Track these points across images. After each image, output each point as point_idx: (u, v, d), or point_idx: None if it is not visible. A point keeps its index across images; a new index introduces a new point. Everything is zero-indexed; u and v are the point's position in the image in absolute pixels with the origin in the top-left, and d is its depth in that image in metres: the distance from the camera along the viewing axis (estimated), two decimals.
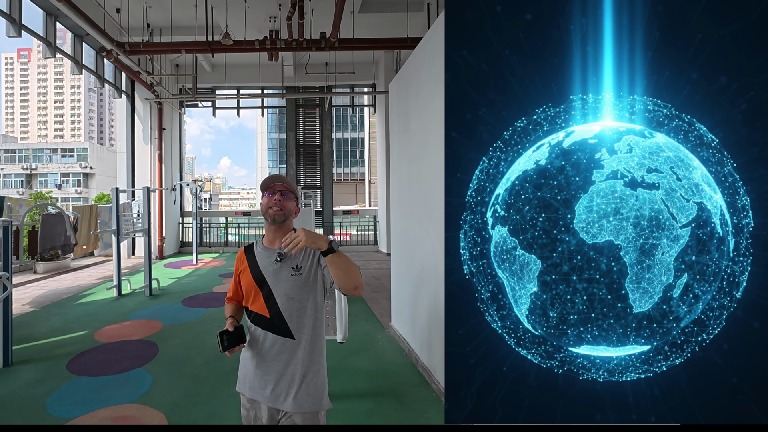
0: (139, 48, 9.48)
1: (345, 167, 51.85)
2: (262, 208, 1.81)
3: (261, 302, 1.79)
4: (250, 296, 1.81)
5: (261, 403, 1.77)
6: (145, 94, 12.47)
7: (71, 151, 55.35)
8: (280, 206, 1.79)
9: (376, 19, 10.47)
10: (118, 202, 7.41)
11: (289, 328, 1.75)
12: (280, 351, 1.75)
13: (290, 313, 1.75)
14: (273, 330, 1.76)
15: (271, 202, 1.79)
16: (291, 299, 1.76)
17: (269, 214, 1.79)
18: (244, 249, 1.93)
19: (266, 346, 1.76)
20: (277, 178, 1.85)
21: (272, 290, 1.77)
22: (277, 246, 1.82)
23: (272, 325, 1.76)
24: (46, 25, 8.26)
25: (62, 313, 6.36)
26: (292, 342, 1.75)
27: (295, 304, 1.76)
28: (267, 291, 1.78)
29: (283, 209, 1.79)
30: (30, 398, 3.64)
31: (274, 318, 1.76)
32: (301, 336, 1.75)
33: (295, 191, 1.86)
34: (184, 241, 14.37)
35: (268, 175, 1.87)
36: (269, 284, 1.77)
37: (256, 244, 1.89)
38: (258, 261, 1.83)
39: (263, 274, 1.79)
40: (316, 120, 16.02)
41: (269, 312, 1.77)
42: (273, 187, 1.81)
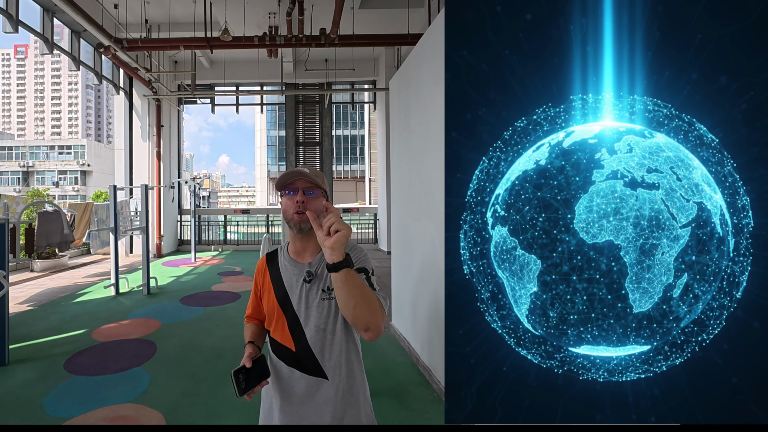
0: (137, 44, 9.44)
1: (345, 165, 51.82)
2: (285, 213, 1.44)
3: (285, 331, 1.44)
4: (272, 320, 1.48)
5: None
6: (143, 91, 12.43)
7: (69, 148, 55.16)
8: (306, 209, 1.40)
9: (377, 15, 10.44)
10: (116, 199, 7.39)
11: (320, 365, 1.41)
12: (308, 393, 1.41)
13: (321, 347, 1.41)
14: (300, 367, 1.42)
15: (293, 206, 1.42)
16: (321, 330, 1.41)
17: (293, 221, 1.42)
18: (266, 257, 1.57)
19: (292, 386, 1.43)
20: (297, 173, 1.43)
21: (298, 317, 1.43)
22: (307, 260, 1.47)
23: (299, 362, 1.42)
24: (43, 20, 8.21)
25: (59, 312, 6.35)
26: (325, 383, 1.41)
27: (327, 337, 1.41)
28: (292, 317, 1.43)
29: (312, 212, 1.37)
30: (27, 398, 3.64)
31: (301, 353, 1.42)
32: (335, 375, 1.41)
33: (321, 184, 1.47)
34: (183, 239, 14.35)
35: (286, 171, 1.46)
36: (295, 309, 1.43)
37: (281, 252, 1.54)
38: (283, 276, 1.48)
39: (288, 295, 1.45)
40: (316, 117, 15.99)
41: (295, 345, 1.43)
42: (292, 184, 1.43)
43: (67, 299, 7.20)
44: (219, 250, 13.97)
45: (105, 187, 27.88)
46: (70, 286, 8.26)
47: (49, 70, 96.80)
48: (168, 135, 13.52)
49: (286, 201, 1.43)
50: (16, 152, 56.01)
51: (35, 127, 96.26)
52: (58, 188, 50.76)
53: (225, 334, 5.26)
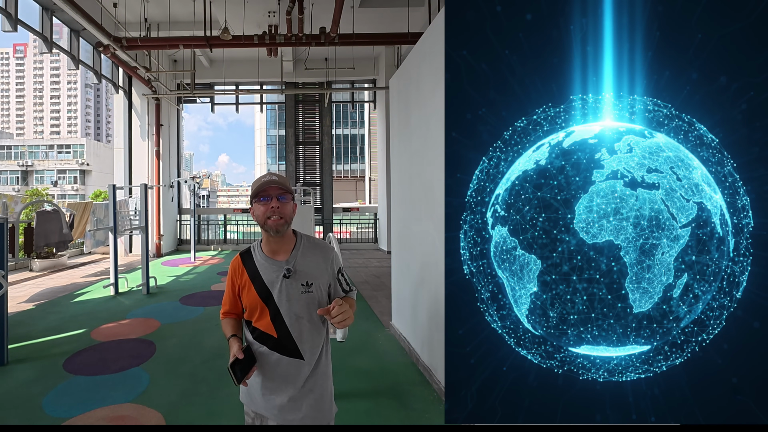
0: (136, 43, 9.42)
1: (345, 164, 51.81)
2: (258, 218, 1.59)
3: (267, 321, 1.63)
4: (255, 313, 1.65)
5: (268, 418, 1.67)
6: (142, 90, 12.41)
7: (68, 147, 55.10)
8: (280, 213, 1.58)
9: (377, 14, 10.43)
10: (115, 198, 7.38)
11: (298, 348, 1.63)
12: (287, 371, 1.64)
13: (300, 333, 1.63)
14: (281, 350, 1.63)
15: (268, 210, 1.57)
16: (300, 318, 1.63)
17: (269, 225, 1.58)
18: (240, 256, 1.72)
19: (272, 365, 1.64)
20: (270, 181, 1.61)
21: (279, 309, 1.62)
22: (282, 258, 1.65)
23: (280, 346, 1.63)
24: (42, 19, 8.20)
25: (58, 312, 6.34)
26: (301, 362, 1.64)
27: (305, 324, 1.63)
28: (274, 309, 1.62)
29: (283, 216, 1.59)
30: (26, 398, 3.63)
31: (283, 339, 1.62)
32: (310, 356, 1.65)
33: (290, 190, 1.65)
34: (182, 239, 14.35)
35: (258, 178, 1.63)
36: (276, 302, 1.62)
37: (255, 251, 1.70)
38: (261, 274, 1.65)
39: (269, 289, 1.62)
40: (316, 116, 15.95)
41: (277, 332, 1.62)
42: (267, 191, 1.59)
43: (66, 299, 7.19)
44: (218, 250, 13.96)
45: (104, 187, 27.84)
46: (69, 285, 8.25)
47: (48, 69, 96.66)
48: (167, 134, 13.50)
49: (258, 207, 1.59)
50: (15, 151, 55.94)
51: (34, 126, 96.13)
52: (57, 187, 50.71)
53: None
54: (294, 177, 15.60)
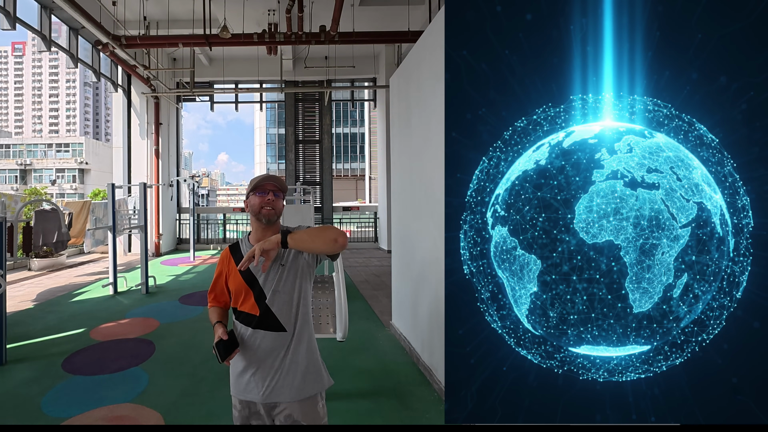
0: (135, 41, 9.40)
1: (345, 163, 51.78)
2: (254, 207, 1.80)
3: (252, 302, 1.78)
4: (240, 297, 1.81)
5: (256, 402, 1.77)
6: (141, 89, 12.39)
7: (66, 146, 55.05)
8: (273, 206, 1.78)
9: (377, 12, 10.42)
10: (114, 197, 7.37)
11: (279, 321, 1.76)
12: (272, 346, 1.75)
13: (279, 306, 1.76)
14: (264, 327, 1.76)
15: (263, 202, 1.77)
16: (277, 292, 1.77)
17: (263, 214, 1.78)
18: (229, 248, 1.91)
19: (257, 344, 1.76)
20: (269, 177, 1.85)
21: (263, 289, 1.77)
22: None
23: (262, 322, 1.76)
24: (41, 18, 8.19)
25: (57, 311, 6.34)
26: (284, 334, 1.76)
27: (282, 297, 1.77)
28: (258, 290, 1.78)
29: (275, 209, 1.79)
30: (24, 397, 3.63)
31: (264, 314, 1.76)
32: (290, 326, 1.77)
33: (284, 190, 1.87)
34: (182, 238, 14.33)
35: (258, 176, 1.85)
36: (260, 283, 1.78)
37: (242, 243, 1.88)
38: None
39: (253, 273, 1.78)
40: (316, 115, 15.92)
41: (259, 310, 1.77)
42: (264, 186, 1.80)
43: (65, 298, 7.19)
44: (218, 249, 13.95)
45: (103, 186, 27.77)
46: (68, 285, 8.25)
47: (46, 68, 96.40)
48: (167, 133, 13.48)
49: (255, 198, 1.79)
50: (13, 150, 55.86)
51: (33, 125, 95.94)
52: (56, 186, 50.64)
53: None
54: (294, 176, 15.58)
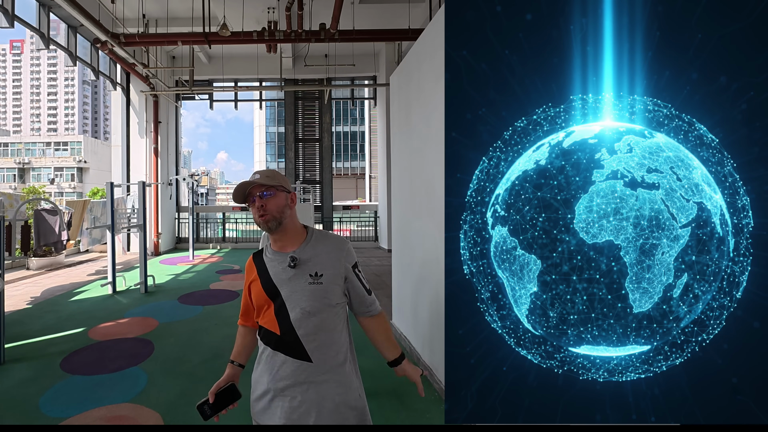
0: (134, 39, 9.37)
1: (345, 161, 51.71)
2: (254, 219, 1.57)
3: (272, 316, 1.52)
4: (262, 310, 1.56)
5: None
6: (140, 87, 12.36)
7: (65, 144, 54.97)
8: (266, 210, 1.53)
9: (377, 10, 10.40)
10: (113, 196, 7.36)
11: (304, 348, 1.48)
12: (294, 375, 1.48)
13: (306, 330, 1.48)
14: (284, 350, 1.50)
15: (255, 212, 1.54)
16: (307, 313, 1.49)
17: (261, 224, 1.55)
18: (252, 256, 1.67)
19: (277, 368, 1.51)
20: (246, 184, 1.55)
21: (285, 302, 1.50)
22: (290, 250, 1.57)
23: (284, 344, 1.50)
24: (39, 15, 8.17)
25: (55, 311, 6.32)
26: (308, 365, 1.48)
27: (311, 320, 1.49)
28: (279, 303, 1.51)
29: (270, 212, 1.52)
30: (23, 397, 3.62)
31: (286, 335, 1.49)
32: (320, 358, 1.49)
33: (277, 181, 1.57)
34: (181, 237, 14.31)
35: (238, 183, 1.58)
36: (282, 295, 1.51)
37: (266, 249, 1.64)
38: (268, 268, 1.57)
39: (274, 282, 1.53)
40: (316, 113, 15.90)
41: (280, 328, 1.50)
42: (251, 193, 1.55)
43: (63, 297, 7.17)
44: (217, 248, 13.93)
45: (102, 184, 27.74)
46: (66, 284, 8.23)
47: (45, 66, 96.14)
48: (166, 131, 13.44)
49: (252, 210, 1.56)
50: (11, 149, 55.76)
51: (31, 123, 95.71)
52: (55, 185, 50.56)
53: (223, 333, 5.25)
54: (294, 174, 15.57)
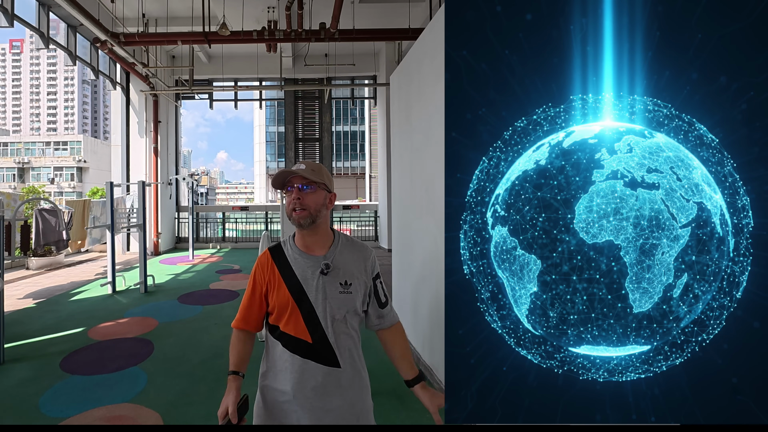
0: (134, 39, 9.37)
1: (345, 161, 51.67)
2: (286, 209, 1.48)
3: (300, 323, 1.46)
4: (284, 315, 1.48)
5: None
6: (140, 86, 12.35)
7: (65, 144, 54.95)
8: (302, 205, 1.44)
9: (377, 9, 10.40)
10: (113, 196, 7.36)
11: (335, 354, 1.47)
12: (324, 382, 1.46)
13: (337, 337, 1.47)
14: (316, 358, 1.46)
15: (291, 202, 1.45)
16: (338, 322, 1.47)
17: (293, 217, 1.45)
18: (269, 251, 1.55)
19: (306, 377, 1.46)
20: (290, 172, 1.46)
21: (315, 309, 1.46)
22: (319, 253, 1.51)
23: (314, 352, 1.46)
24: (39, 15, 8.16)
25: (55, 310, 6.33)
26: (337, 371, 1.47)
27: (341, 328, 1.48)
28: (308, 309, 1.46)
29: (307, 208, 1.45)
30: (22, 397, 3.62)
31: (318, 344, 1.46)
32: (346, 363, 1.49)
33: (321, 178, 1.48)
34: (181, 237, 14.30)
35: (284, 168, 1.49)
36: (311, 300, 1.45)
37: (286, 246, 1.54)
38: (295, 270, 1.49)
39: (303, 286, 1.46)
40: (316, 112, 15.90)
41: (311, 337, 1.45)
42: (291, 181, 1.47)
43: (63, 297, 7.17)
44: (217, 248, 13.93)
45: (102, 184, 27.72)
46: (66, 284, 8.22)
47: (44, 65, 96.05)
48: (165, 131, 13.43)
49: (286, 198, 1.47)
50: (11, 148, 55.73)
51: (31, 122, 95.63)
52: (54, 185, 50.52)
53: (223, 333, 5.25)
54: None
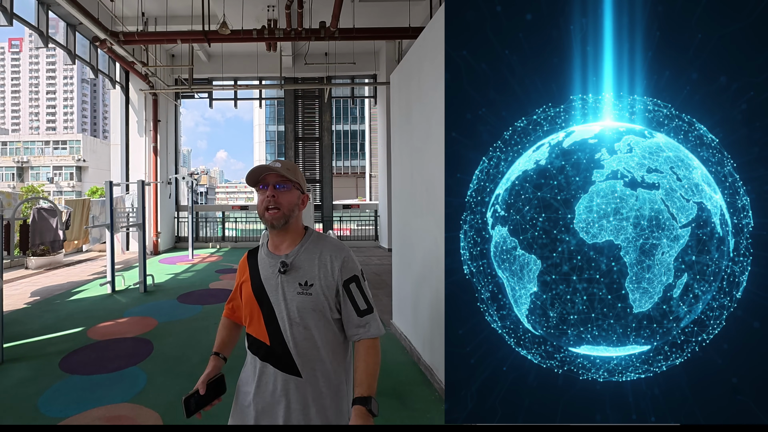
0: (133, 37, 9.36)
1: (345, 160, 51.66)
2: (258, 207, 1.43)
3: (261, 325, 1.42)
4: (249, 314, 1.46)
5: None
6: (139, 85, 12.34)
7: (64, 143, 54.87)
8: (276, 204, 1.39)
9: (377, 8, 10.39)
10: (112, 195, 7.35)
11: (294, 362, 1.38)
12: (283, 390, 1.39)
13: (296, 342, 1.38)
14: (273, 362, 1.40)
15: (264, 201, 1.40)
16: (296, 325, 1.39)
17: (266, 217, 1.40)
18: (248, 253, 1.55)
19: (266, 381, 1.41)
20: (266, 168, 1.40)
21: (274, 310, 1.40)
22: (284, 252, 1.45)
23: (273, 356, 1.40)
24: (38, 13, 8.15)
25: (54, 310, 6.31)
26: (298, 381, 1.38)
27: (302, 332, 1.38)
28: (268, 310, 1.41)
29: (281, 208, 1.39)
30: (21, 397, 3.61)
31: (276, 347, 1.39)
32: (310, 374, 1.39)
33: (295, 177, 1.44)
34: (180, 236, 14.29)
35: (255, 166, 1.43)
36: (270, 301, 1.40)
37: (261, 247, 1.52)
38: (260, 269, 1.46)
39: (264, 287, 1.42)
40: (316, 112, 15.86)
41: (270, 339, 1.40)
42: (264, 179, 1.42)
43: (62, 297, 7.16)
44: (217, 247, 13.92)
45: (101, 183, 27.71)
46: (65, 283, 8.21)
47: (44, 64, 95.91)
48: (165, 130, 13.42)
49: (259, 196, 1.42)
50: (10, 147, 55.67)
51: (30, 121, 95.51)
52: (54, 184, 50.49)
53: None
54: None
